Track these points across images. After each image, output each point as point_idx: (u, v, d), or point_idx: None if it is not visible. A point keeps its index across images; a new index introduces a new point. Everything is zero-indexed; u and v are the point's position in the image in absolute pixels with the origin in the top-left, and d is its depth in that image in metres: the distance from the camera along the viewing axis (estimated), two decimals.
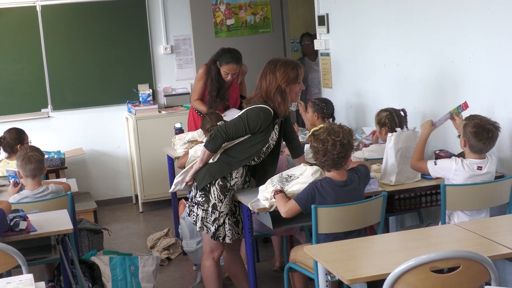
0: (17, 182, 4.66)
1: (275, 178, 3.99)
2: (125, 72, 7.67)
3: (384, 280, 2.75)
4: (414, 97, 5.15)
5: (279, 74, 4.11)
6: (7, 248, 3.49)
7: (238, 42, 7.55)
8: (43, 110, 7.47)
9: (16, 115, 7.34)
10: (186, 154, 5.15)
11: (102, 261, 4.81)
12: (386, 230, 4.83)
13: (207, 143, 4.15)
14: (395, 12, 5.27)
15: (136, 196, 7.68)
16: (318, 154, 3.76)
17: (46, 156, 5.97)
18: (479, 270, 2.79)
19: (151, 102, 7.59)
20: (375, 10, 5.55)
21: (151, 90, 7.68)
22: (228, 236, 4.22)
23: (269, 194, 3.90)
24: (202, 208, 4.20)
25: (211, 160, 4.18)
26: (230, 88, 6.12)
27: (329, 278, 3.22)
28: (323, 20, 6.30)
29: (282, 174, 4.00)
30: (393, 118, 4.83)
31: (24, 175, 4.56)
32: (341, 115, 6.14)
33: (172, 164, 5.88)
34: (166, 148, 5.97)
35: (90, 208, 6.73)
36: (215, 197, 4.16)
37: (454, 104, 4.46)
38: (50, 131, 7.49)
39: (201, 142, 5.18)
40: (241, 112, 4.18)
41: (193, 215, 4.27)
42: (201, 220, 4.21)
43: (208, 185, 4.17)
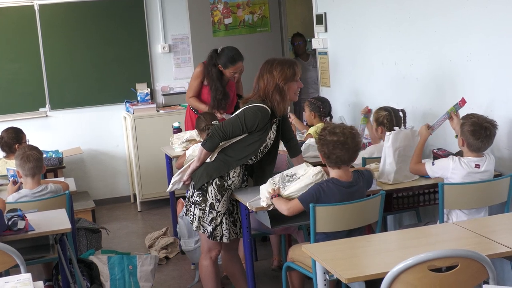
0: (16, 181, 4.66)
1: (277, 178, 3.97)
2: (123, 71, 7.66)
3: (383, 279, 2.75)
4: (412, 96, 5.15)
5: (276, 73, 4.10)
6: (5, 248, 3.48)
7: (236, 41, 7.54)
8: (41, 109, 7.47)
9: (14, 115, 7.34)
10: (184, 155, 5.14)
11: (100, 260, 4.81)
12: (384, 229, 4.84)
13: (205, 142, 4.14)
14: (393, 11, 5.28)
15: (134, 195, 7.68)
16: (335, 148, 3.69)
17: (44, 155, 5.96)
18: (477, 269, 2.80)
19: (149, 101, 7.59)
20: (373, 9, 5.55)
21: (149, 89, 7.68)
22: (226, 236, 4.22)
23: (268, 194, 3.90)
24: (200, 208, 4.19)
25: (209, 159, 4.18)
26: (227, 87, 6.11)
27: (327, 277, 3.21)
28: (321, 19, 6.30)
29: (284, 174, 3.99)
30: (392, 119, 4.83)
31: (24, 174, 4.56)
32: (339, 114, 6.14)
33: (170, 163, 5.88)
34: (164, 147, 5.97)
35: (88, 207, 6.73)
36: (213, 197, 4.16)
37: (452, 103, 4.46)
38: (48, 130, 7.49)
39: (199, 142, 5.17)
40: (239, 111, 4.17)
41: (190, 215, 4.26)
42: (198, 220, 4.20)
43: (206, 185, 4.17)
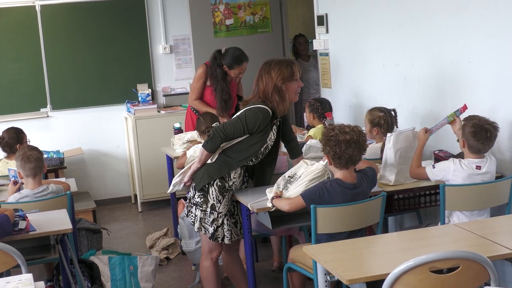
0: (17, 181, 4.66)
1: (281, 182, 3.96)
2: (124, 72, 7.67)
3: (384, 280, 2.75)
4: (413, 97, 5.15)
5: (274, 73, 4.11)
6: (6, 248, 3.49)
7: (237, 42, 7.53)
8: (42, 110, 7.47)
9: (15, 115, 7.34)
10: (185, 154, 5.15)
11: (101, 261, 4.81)
12: (385, 231, 4.83)
13: (206, 143, 4.14)
14: (395, 12, 5.28)
15: (135, 196, 7.68)
16: (349, 147, 3.66)
17: (45, 156, 5.96)
18: (479, 271, 2.79)
19: (150, 102, 7.59)
20: (375, 10, 5.55)
21: (150, 90, 7.68)
22: (227, 237, 4.22)
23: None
24: (201, 209, 4.19)
25: (209, 161, 4.18)
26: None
27: (328, 278, 3.21)
28: (322, 20, 6.30)
29: (285, 176, 3.98)
30: (388, 120, 4.84)
31: (25, 175, 4.56)
32: (340, 115, 6.14)
33: (171, 164, 5.88)
34: (165, 148, 5.97)
35: (89, 208, 6.74)
36: (214, 198, 4.16)
37: (453, 104, 4.47)
38: (49, 131, 7.49)
39: (200, 142, 5.17)
40: (240, 112, 4.17)
41: (191, 216, 4.26)
42: (199, 221, 4.20)
43: (207, 186, 4.17)
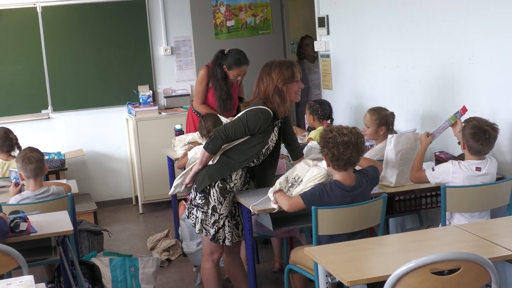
0: (18, 183, 4.67)
1: (284, 183, 3.97)
2: (125, 73, 7.67)
3: (385, 282, 2.75)
4: (414, 99, 5.15)
5: (275, 75, 4.11)
6: (8, 249, 3.49)
7: (238, 44, 7.53)
8: (43, 111, 7.48)
9: (17, 116, 7.35)
10: (185, 155, 5.15)
11: (102, 262, 4.81)
12: (386, 232, 4.83)
13: (207, 145, 4.14)
14: (395, 14, 5.28)
15: (136, 198, 7.68)
16: (347, 149, 3.68)
17: (46, 157, 5.97)
18: (480, 272, 2.79)
19: (151, 104, 7.59)
20: (375, 12, 5.55)
21: (151, 92, 7.69)
22: (228, 239, 4.22)
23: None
24: (202, 211, 4.19)
25: (211, 162, 4.18)
26: (231, 89, 6.11)
27: (329, 280, 3.22)
28: (323, 22, 6.30)
29: (287, 177, 3.99)
30: (393, 120, 4.88)
31: (26, 176, 4.56)
32: (341, 117, 6.14)
33: (172, 166, 5.88)
34: (166, 150, 5.97)
35: (90, 209, 6.74)
36: (215, 199, 4.16)
37: (454, 105, 4.46)
38: (50, 132, 7.49)
39: (201, 144, 5.17)
40: (240, 113, 4.18)
41: (193, 218, 4.26)
42: (201, 223, 4.20)
43: (208, 187, 4.17)
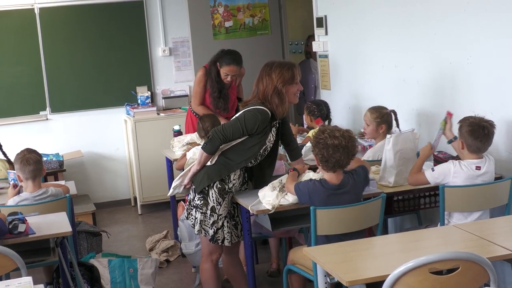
0: (16, 184, 4.67)
1: (276, 184, 3.99)
2: (124, 75, 7.67)
3: (383, 282, 2.75)
4: (413, 99, 5.15)
5: (275, 76, 4.11)
6: (6, 251, 3.49)
7: (237, 44, 7.53)
8: (42, 113, 7.47)
9: (15, 118, 7.35)
10: (184, 156, 5.15)
11: (101, 264, 4.80)
12: (385, 232, 4.83)
13: (205, 145, 4.14)
14: (394, 14, 5.28)
15: (135, 199, 7.68)
16: (336, 152, 3.70)
17: (45, 159, 5.98)
18: (478, 272, 2.80)
19: (150, 105, 7.59)
20: (374, 12, 5.55)
21: (150, 93, 7.68)
22: (227, 239, 4.21)
23: (273, 198, 3.91)
24: (201, 211, 4.19)
25: (209, 163, 4.18)
26: (229, 89, 6.11)
27: (328, 280, 3.22)
28: (322, 22, 6.30)
29: (282, 180, 4.02)
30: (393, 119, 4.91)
31: (24, 178, 4.56)
32: (340, 117, 6.14)
33: (171, 166, 5.88)
34: (165, 150, 5.97)
35: (89, 211, 6.73)
36: (214, 200, 4.16)
37: (452, 105, 4.47)
38: (49, 134, 7.49)
39: (200, 144, 5.17)
40: (238, 114, 4.17)
41: (192, 218, 4.26)
42: (200, 223, 4.20)
43: (207, 188, 4.17)
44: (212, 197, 4.15)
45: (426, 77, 4.97)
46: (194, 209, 4.23)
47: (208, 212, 4.17)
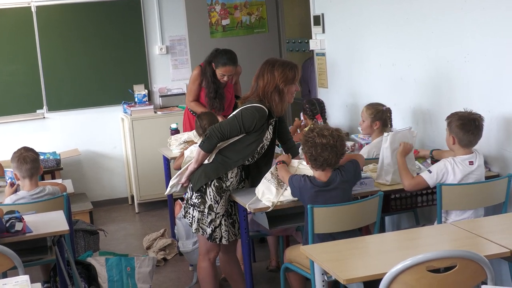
0: (13, 183, 4.66)
1: (270, 178, 4.00)
2: (121, 73, 7.66)
3: (381, 280, 2.75)
4: (410, 97, 5.15)
5: (278, 74, 4.11)
6: (3, 250, 3.48)
7: (234, 42, 7.55)
8: (38, 111, 7.46)
9: (11, 116, 7.34)
10: (182, 155, 5.14)
11: (98, 262, 4.80)
12: (382, 230, 4.84)
13: (202, 143, 4.14)
14: (391, 12, 5.28)
15: (132, 197, 7.68)
16: (324, 151, 3.71)
17: (42, 157, 5.97)
18: (476, 270, 2.80)
19: (147, 103, 7.58)
20: (371, 10, 5.55)
21: (147, 91, 7.68)
22: (225, 238, 4.21)
23: (273, 196, 3.91)
24: (198, 210, 4.19)
25: (206, 161, 4.18)
26: (225, 89, 6.11)
27: (326, 278, 3.22)
28: (319, 20, 6.30)
29: (273, 172, 4.05)
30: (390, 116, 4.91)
31: (21, 176, 4.55)
32: (337, 115, 6.15)
33: (168, 165, 5.88)
34: (162, 149, 5.97)
35: (86, 209, 6.73)
36: (211, 198, 4.16)
37: (449, 103, 4.48)
38: (46, 132, 7.48)
39: (197, 143, 5.17)
40: (236, 111, 4.18)
41: (189, 217, 4.26)
42: (197, 222, 4.20)
43: (204, 186, 4.17)
44: (210, 196, 4.15)
45: (423, 75, 4.98)
46: (192, 208, 4.23)
47: (206, 211, 4.17)
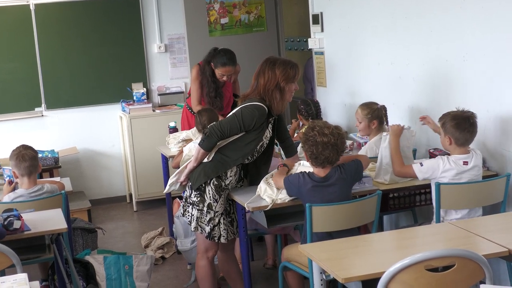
0: (12, 181, 4.66)
1: (270, 179, 4.00)
2: (119, 71, 7.65)
3: (379, 279, 2.75)
4: (408, 96, 5.15)
5: (279, 72, 4.11)
6: (1, 248, 3.48)
7: (232, 41, 7.55)
8: (37, 109, 7.45)
9: (10, 114, 7.33)
10: (181, 153, 5.14)
11: (96, 260, 4.80)
12: (381, 229, 4.84)
13: (202, 142, 4.14)
14: (390, 11, 5.28)
15: (130, 195, 7.67)
16: (325, 149, 3.73)
17: (40, 155, 5.96)
18: (474, 269, 2.80)
19: (145, 101, 7.58)
20: (370, 9, 5.55)
21: (145, 89, 7.67)
22: (223, 236, 4.21)
23: (275, 193, 3.93)
24: (197, 208, 4.19)
25: (206, 160, 4.18)
26: (224, 87, 6.11)
27: (324, 277, 3.22)
28: (317, 19, 6.30)
29: (274, 174, 4.06)
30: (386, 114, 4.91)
31: (20, 174, 4.55)
32: (335, 114, 6.15)
33: (166, 163, 5.88)
34: (160, 147, 5.97)
35: (84, 207, 6.72)
36: (210, 197, 4.16)
37: (448, 102, 4.48)
38: (44, 130, 7.47)
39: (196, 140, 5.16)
40: (236, 110, 4.17)
41: (188, 215, 4.26)
42: (196, 220, 4.20)
43: (203, 185, 4.17)
44: (209, 194, 4.15)
45: (422, 74, 4.98)
46: (191, 206, 4.23)
47: (205, 209, 4.17)
